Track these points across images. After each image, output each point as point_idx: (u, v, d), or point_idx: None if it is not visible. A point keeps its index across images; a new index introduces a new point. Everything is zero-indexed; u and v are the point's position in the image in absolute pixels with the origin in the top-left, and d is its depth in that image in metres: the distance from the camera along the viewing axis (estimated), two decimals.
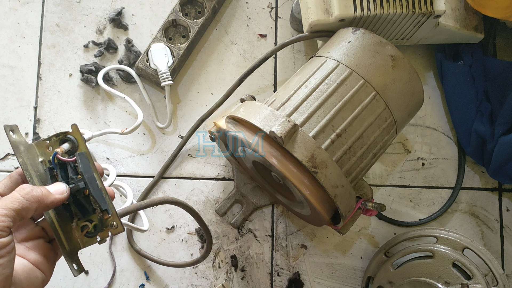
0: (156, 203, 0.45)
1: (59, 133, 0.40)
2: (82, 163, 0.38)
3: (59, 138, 0.40)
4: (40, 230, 0.40)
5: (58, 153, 0.38)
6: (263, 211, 0.67)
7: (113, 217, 0.39)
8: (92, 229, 0.39)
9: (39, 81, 0.69)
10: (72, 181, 0.38)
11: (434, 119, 0.70)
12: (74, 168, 0.39)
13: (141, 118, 0.64)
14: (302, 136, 0.47)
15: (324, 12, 0.58)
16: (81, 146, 0.39)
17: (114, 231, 0.39)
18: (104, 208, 0.38)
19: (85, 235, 0.39)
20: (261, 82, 0.70)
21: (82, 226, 0.39)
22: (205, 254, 0.57)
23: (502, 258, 0.68)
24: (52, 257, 0.40)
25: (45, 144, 0.40)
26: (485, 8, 0.60)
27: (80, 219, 0.39)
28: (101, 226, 0.39)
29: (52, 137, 0.40)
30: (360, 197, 0.54)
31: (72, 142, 0.39)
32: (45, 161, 0.39)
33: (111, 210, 0.39)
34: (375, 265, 0.64)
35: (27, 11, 0.70)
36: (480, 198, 0.69)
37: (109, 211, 0.39)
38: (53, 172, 0.39)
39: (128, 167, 0.67)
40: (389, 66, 0.53)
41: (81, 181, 0.38)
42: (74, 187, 0.38)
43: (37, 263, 0.38)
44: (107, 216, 0.39)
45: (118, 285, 0.65)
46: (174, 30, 0.69)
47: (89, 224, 0.39)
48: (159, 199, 0.45)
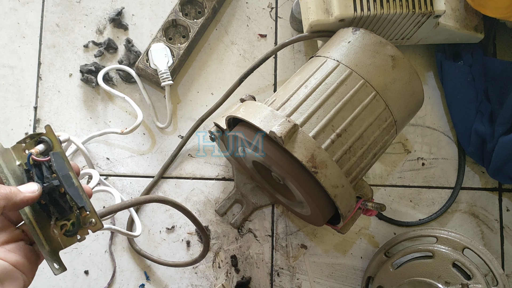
0: (142, 202, 0.45)
1: (33, 134, 0.40)
2: (56, 162, 0.38)
3: (34, 140, 0.40)
4: (21, 233, 0.40)
5: (32, 154, 0.38)
6: (263, 211, 0.67)
7: (91, 214, 0.39)
8: (71, 227, 0.39)
9: (39, 81, 0.69)
10: (47, 180, 0.38)
11: (434, 119, 0.70)
12: (49, 168, 0.39)
13: (141, 118, 0.64)
14: (302, 136, 0.47)
15: (324, 12, 0.58)
16: (56, 147, 0.39)
17: (93, 228, 0.39)
18: (81, 205, 0.38)
19: (64, 234, 0.39)
20: (261, 82, 0.70)
21: (61, 225, 0.39)
22: (203, 253, 0.57)
23: (502, 258, 0.68)
24: (34, 259, 0.40)
25: (21, 148, 0.40)
26: (485, 8, 0.60)
27: (59, 219, 0.39)
28: (79, 224, 0.39)
29: (27, 139, 0.40)
30: (360, 197, 0.54)
31: (47, 143, 0.39)
32: (22, 164, 0.40)
33: (89, 207, 0.38)
34: (375, 265, 0.64)
35: (27, 11, 0.70)
36: (480, 198, 0.69)
37: (87, 208, 0.38)
38: (30, 173, 0.39)
39: (128, 167, 0.67)
40: (389, 66, 0.53)
41: (56, 180, 0.38)
42: (49, 185, 0.38)
43: (18, 264, 0.37)
44: (85, 214, 0.39)
45: (118, 285, 0.65)
46: (174, 30, 0.69)
47: (67, 222, 0.39)
48: (144, 198, 0.45)
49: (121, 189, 0.67)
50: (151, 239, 0.66)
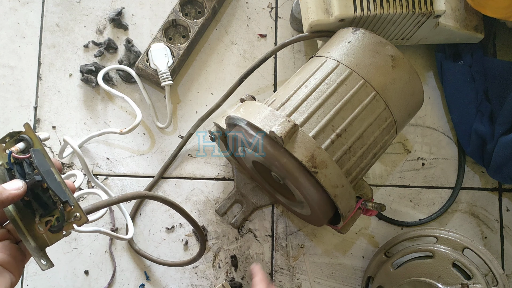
0: (129, 198, 0.45)
1: (12, 132, 0.40)
2: (37, 158, 0.38)
3: (13, 139, 0.40)
4: (6, 232, 0.40)
5: (13, 151, 0.38)
6: (263, 211, 0.67)
7: (75, 208, 0.38)
8: (55, 222, 0.38)
9: (39, 81, 0.69)
10: (29, 177, 0.38)
11: (434, 119, 0.70)
12: (30, 165, 0.39)
13: (140, 118, 0.64)
14: (302, 136, 0.47)
15: (324, 12, 0.58)
16: (36, 144, 0.39)
17: (78, 223, 0.38)
18: (65, 199, 0.38)
19: (49, 230, 0.38)
20: (261, 82, 0.70)
21: (45, 221, 0.39)
22: (201, 252, 0.56)
23: (502, 258, 0.68)
24: (20, 258, 0.39)
25: (1, 148, 0.40)
26: (485, 8, 0.60)
27: (43, 215, 0.39)
28: (64, 219, 0.38)
29: (6, 138, 0.40)
30: (360, 197, 0.54)
31: (26, 141, 0.39)
32: (3, 163, 0.40)
33: (72, 201, 0.38)
34: (375, 265, 0.64)
35: (27, 11, 0.70)
36: (480, 198, 0.69)
37: (71, 203, 0.38)
38: (11, 172, 0.39)
39: (128, 167, 0.67)
40: (389, 66, 0.53)
41: (38, 175, 0.38)
42: (31, 181, 0.38)
43: (4, 263, 0.37)
44: (70, 208, 0.38)
45: (118, 285, 0.65)
46: (174, 30, 0.69)
47: (52, 218, 0.39)
48: (132, 194, 0.45)
49: (121, 189, 0.67)
50: (151, 239, 0.66)
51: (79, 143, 0.65)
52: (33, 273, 0.64)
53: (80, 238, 0.65)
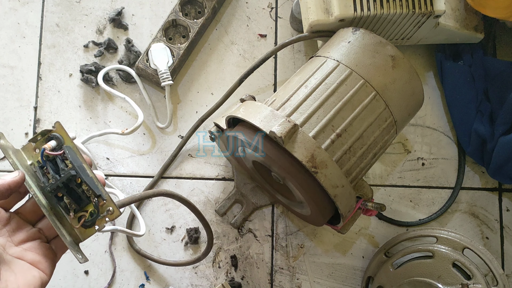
0: (150, 195, 0.46)
1: (44, 130, 0.40)
2: (71, 154, 0.39)
3: (44, 138, 0.41)
4: (37, 232, 0.40)
5: (46, 149, 0.39)
6: (263, 211, 0.67)
7: (108, 202, 0.39)
8: (89, 217, 0.39)
9: (39, 81, 0.69)
10: (63, 172, 0.39)
11: (434, 119, 0.70)
12: (63, 162, 0.39)
13: (142, 118, 0.64)
14: (302, 136, 0.47)
15: (324, 12, 0.58)
16: (67, 141, 0.40)
17: (111, 217, 0.39)
18: (98, 193, 0.39)
19: (83, 225, 0.39)
20: (261, 82, 0.70)
21: (79, 217, 0.39)
22: (207, 251, 0.57)
23: (502, 258, 0.68)
24: (51, 256, 0.40)
25: (31, 147, 0.41)
26: (485, 8, 0.60)
27: (76, 211, 0.40)
28: (98, 213, 0.39)
29: (38, 136, 0.40)
30: (360, 197, 0.54)
31: (58, 139, 0.40)
32: (34, 163, 0.40)
33: (105, 195, 0.39)
34: (375, 265, 0.64)
35: (27, 11, 0.70)
36: (480, 198, 0.69)
37: (104, 197, 0.39)
38: (44, 170, 0.40)
39: (128, 167, 0.67)
40: (389, 66, 0.53)
41: (72, 170, 0.39)
42: (66, 175, 0.38)
43: (35, 262, 0.38)
44: (103, 202, 0.39)
45: (118, 285, 0.65)
46: (174, 30, 0.69)
47: (85, 213, 0.39)
48: (153, 192, 0.46)
49: (121, 189, 0.67)
50: (151, 239, 0.66)
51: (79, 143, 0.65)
52: None
53: None
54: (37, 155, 0.40)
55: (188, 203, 0.48)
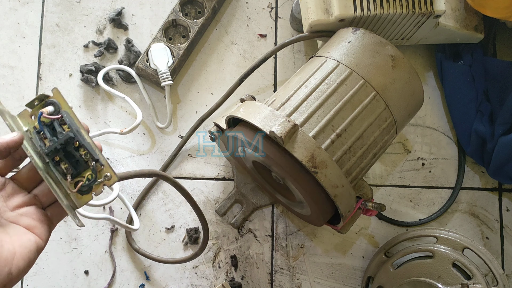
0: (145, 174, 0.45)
1: (41, 95, 0.40)
2: (68, 119, 0.39)
3: (41, 104, 0.40)
4: (33, 197, 0.40)
5: (43, 113, 0.38)
6: (263, 211, 0.67)
7: (105, 167, 0.39)
8: (86, 181, 0.39)
9: (39, 81, 0.69)
10: (61, 135, 0.38)
11: (434, 119, 0.70)
12: (61, 126, 0.39)
13: (140, 118, 0.64)
14: (302, 136, 0.47)
15: (324, 12, 0.58)
16: (64, 107, 0.40)
17: (108, 182, 0.39)
18: (96, 158, 0.38)
19: (79, 190, 0.39)
20: (261, 82, 0.70)
21: (75, 182, 0.39)
22: (203, 245, 0.56)
23: (502, 258, 0.68)
24: (47, 222, 0.40)
25: (28, 114, 0.40)
26: (485, 8, 0.60)
27: (73, 176, 0.39)
28: (95, 178, 0.39)
29: (35, 101, 0.40)
30: (360, 197, 0.54)
31: (55, 104, 0.40)
32: (30, 129, 0.40)
33: (103, 161, 0.39)
34: (375, 265, 0.64)
35: (27, 11, 0.70)
36: (480, 198, 0.69)
37: (101, 162, 0.39)
38: (41, 135, 0.39)
39: (128, 167, 0.67)
40: (389, 66, 0.53)
41: (71, 132, 0.38)
42: (64, 137, 0.38)
43: (31, 227, 0.38)
44: (100, 168, 0.39)
45: (118, 285, 0.65)
46: (174, 30, 0.69)
47: (82, 178, 0.39)
48: (148, 171, 0.45)
49: (121, 189, 0.67)
50: (151, 239, 0.66)
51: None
52: (33, 273, 0.64)
53: (80, 238, 0.65)
54: (34, 121, 0.40)
55: (182, 189, 0.48)
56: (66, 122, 0.39)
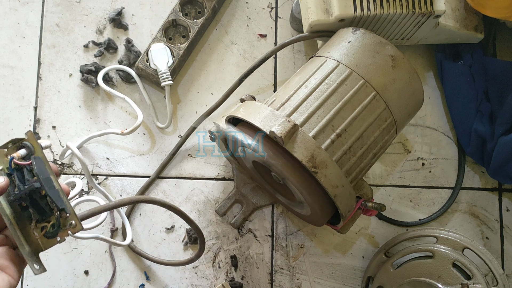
0: (125, 203, 0.46)
1: (15, 139, 0.41)
2: (37, 166, 0.39)
3: (15, 145, 0.41)
4: (4, 238, 0.41)
5: (14, 157, 0.39)
6: (263, 211, 0.67)
7: (71, 216, 0.39)
8: (50, 228, 0.40)
9: (39, 81, 0.69)
10: (29, 183, 0.39)
11: (434, 119, 0.70)
12: (31, 172, 0.40)
13: (141, 119, 0.64)
14: (302, 136, 0.47)
15: (324, 12, 0.58)
16: (37, 151, 0.40)
17: (73, 230, 0.40)
18: (61, 207, 0.39)
19: (44, 235, 0.40)
20: (261, 82, 0.70)
21: (41, 227, 0.40)
22: (200, 252, 0.56)
23: (502, 258, 0.68)
24: (18, 262, 0.40)
25: (3, 153, 0.41)
26: (485, 8, 0.60)
27: (39, 221, 0.40)
28: (59, 225, 0.40)
29: (9, 144, 0.41)
30: (360, 197, 0.54)
31: (28, 148, 0.40)
32: (4, 168, 0.40)
33: (69, 209, 0.39)
34: (375, 265, 0.64)
35: (27, 11, 0.70)
36: (480, 198, 0.69)
37: (67, 210, 0.39)
38: (11, 177, 0.40)
39: (128, 167, 0.67)
40: (389, 66, 0.53)
41: (37, 182, 0.39)
42: (30, 187, 0.39)
43: (3, 267, 0.39)
44: (66, 216, 0.40)
45: (118, 285, 0.65)
46: (174, 30, 0.69)
47: (47, 224, 0.40)
48: (129, 199, 0.46)
49: (121, 189, 0.67)
50: (151, 239, 0.66)
51: (79, 143, 0.65)
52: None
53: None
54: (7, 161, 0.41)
55: (170, 206, 0.48)
56: (34, 170, 0.39)
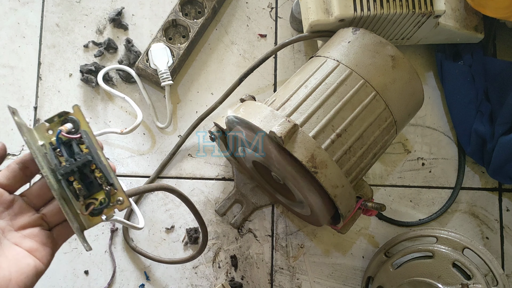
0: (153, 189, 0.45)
1: (61, 112, 0.40)
2: (87, 139, 0.39)
3: (60, 120, 0.40)
4: (39, 218, 0.40)
5: (62, 130, 0.38)
6: (263, 211, 0.67)
7: (119, 192, 0.39)
8: (98, 205, 0.39)
9: (39, 81, 0.69)
10: (79, 156, 0.38)
11: (434, 119, 0.70)
12: (78, 146, 0.39)
13: (141, 118, 0.64)
14: (302, 136, 0.47)
15: (324, 12, 0.58)
16: (84, 126, 0.39)
17: (120, 207, 0.39)
18: (111, 182, 0.38)
19: (90, 213, 0.39)
20: (261, 82, 0.70)
21: (87, 204, 0.39)
22: (202, 248, 0.56)
23: (502, 258, 0.68)
24: (51, 245, 0.39)
25: (45, 128, 0.40)
26: (485, 8, 0.60)
27: (86, 197, 0.39)
28: (108, 202, 0.39)
29: (55, 117, 0.40)
30: (360, 197, 0.54)
31: (75, 122, 0.39)
32: (45, 144, 0.39)
33: (117, 185, 0.39)
34: (375, 265, 0.64)
35: (27, 11, 0.70)
36: (480, 198, 0.69)
37: (116, 186, 0.39)
38: (56, 152, 0.39)
39: (128, 167, 0.67)
40: (389, 66, 0.53)
41: (89, 155, 0.38)
42: (82, 160, 0.38)
43: (32, 250, 0.38)
44: (114, 192, 0.39)
45: (118, 285, 0.65)
46: (174, 30, 0.69)
47: (95, 201, 0.39)
48: (156, 185, 0.45)
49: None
50: (151, 239, 0.66)
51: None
52: None
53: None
54: (50, 136, 0.39)
55: (188, 200, 0.48)
56: (85, 143, 0.38)
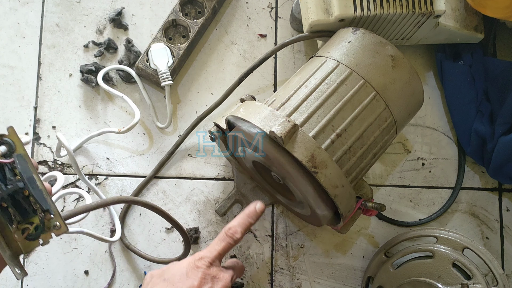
0: (108, 204, 0.44)
1: None
2: (21, 164, 0.37)
3: None
4: None
5: None
6: None
7: (55, 217, 0.38)
8: (33, 231, 0.38)
9: (39, 81, 0.69)
10: (11, 182, 0.37)
11: (434, 119, 0.70)
12: (12, 170, 0.38)
13: (138, 116, 0.63)
14: (302, 136, 0.47)
15: (324, 12, 0.58)
16: (19, 148, 0.38)
17: (57, 232, 0.38)
18: (46, 208, 0.37)
19: (26, 238, 0.38)
20: (261, 82, 0.70)
21: (22, 229, 0.38)
22: (186, 252, 0.57)
23: (502, 258, 0.68)
24: None
25: None
26: (485, 8, 0.60)
27: (20, 222, 0.38)
28: (43, 227, 0.38)
29: None
30: (360, 197, 0.54)
31: (9, 145, 0.38)
32: None
33: (53, 210, 0.38)
34: (375, 265, 0.64)
35: (27, 11, 0.70)
36: (480, 198, 0.69)
37: (51, 211, 0.38)
38: None
39: (128, 167, 0.67)
40: (389, 66, 0.53)
41: (20, 182, 0.37)
42: (13, 188, 0.37)
43: None
44: (49, 217, 0.38)
45: (118, 285, 0.65)
46: (174, 30, 0.69)
47: (29, 226, 0.38)
48: (111, 199, 0.44)
49: (121, 189, 0.67)
50: (150, 239, 0.66)
51: (79, 143, 0.65)
52: (33, 273, 0.64)
53: (80, 238, 0.65)
54: None
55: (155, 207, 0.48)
56: (18, 169, 0.37)
